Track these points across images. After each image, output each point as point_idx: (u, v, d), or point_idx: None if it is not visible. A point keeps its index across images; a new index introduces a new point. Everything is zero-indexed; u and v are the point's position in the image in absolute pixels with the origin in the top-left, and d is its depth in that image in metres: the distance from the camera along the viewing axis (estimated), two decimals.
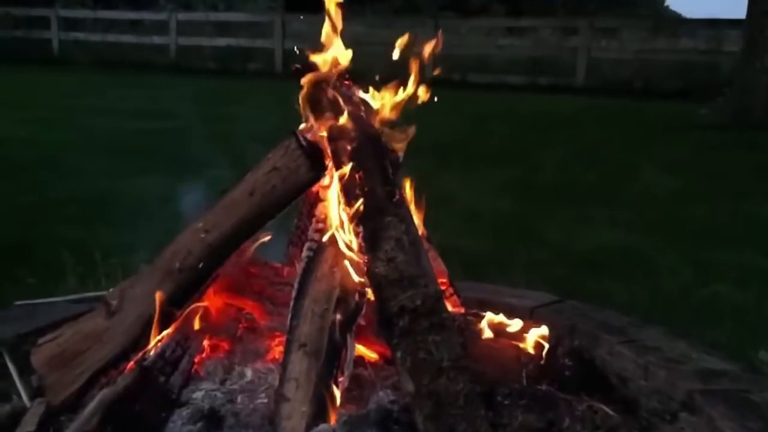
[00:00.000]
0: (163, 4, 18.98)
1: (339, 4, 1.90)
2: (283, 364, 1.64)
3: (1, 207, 4.65)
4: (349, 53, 1.91)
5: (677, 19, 23.80)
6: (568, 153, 7.25)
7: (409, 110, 2.00)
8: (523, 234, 4.46)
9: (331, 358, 1.63)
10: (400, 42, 1.94)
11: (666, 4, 51.17)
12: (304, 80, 1.82)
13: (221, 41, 16.03)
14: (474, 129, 8.63)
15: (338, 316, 1.65)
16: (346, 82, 1.95)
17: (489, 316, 1.96)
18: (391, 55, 1.96)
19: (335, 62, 1.93)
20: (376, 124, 1.91)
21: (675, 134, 8.46)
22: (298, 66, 1.88)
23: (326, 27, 1.90)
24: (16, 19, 17.63)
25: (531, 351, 1.89)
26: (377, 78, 2.00)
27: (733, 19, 12.68)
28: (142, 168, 5.81)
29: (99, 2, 18.30)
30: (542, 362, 1.87)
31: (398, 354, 1.61)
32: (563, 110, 10.48)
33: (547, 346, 1.92)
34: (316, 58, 1.92)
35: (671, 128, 8.88)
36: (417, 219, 1.91)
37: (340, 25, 1.91)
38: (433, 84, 2.00)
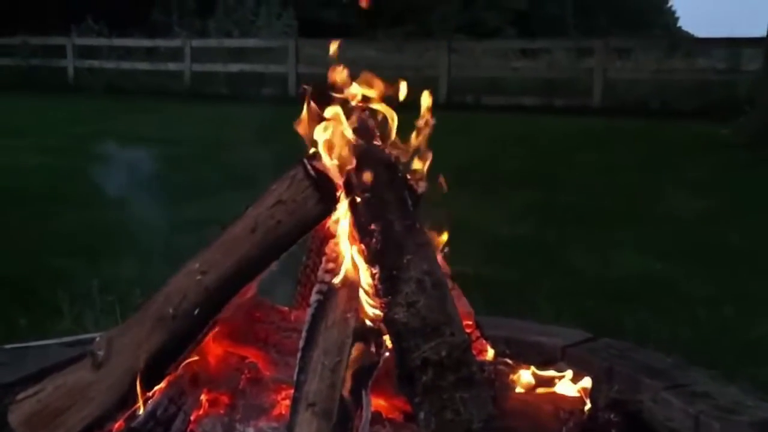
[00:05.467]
0: (178, 31, 19.08)
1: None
2: (290, 427, 1.44)
3: (1, 240, 4.49)
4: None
5: (693, 39, 23.63)
6: (589, 175, 7.04)
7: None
8: (547, 262, 4.25)
9: (343, 420, 1.42)
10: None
11: (679, 24, 51.35)
12: (314, 104, 1.63)
13: (235, 67, 16.00)
14: (490, 152, 8.43)
15: (352, 371, 1.44)
16: (361, 107, 1.76)
17: (525, 369, 1.74)
18: (405, 80, 1.78)
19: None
20: (393, 152, 1.72)
21: (698, 155, 8.24)
22: (306, 87, 1.70)
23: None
24: (33, 48, 17.77)
25: (571, 405, 1.67)
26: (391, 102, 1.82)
27: (751, 38, 12.48)
28: (154, 196, 5.64)
29: (114, 30, 18.41)
30: (584, 417, 1.65)
31: (421, 414, 1.41)
32: (581, 131, 10.28)
33: (588, 399, 1.69)
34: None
35: (693, 148, 8.66)
36: (440, 255, 1.71)
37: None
38: (447, 107, 1.81)
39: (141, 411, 1.53)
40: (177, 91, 15.64)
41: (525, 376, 1.70)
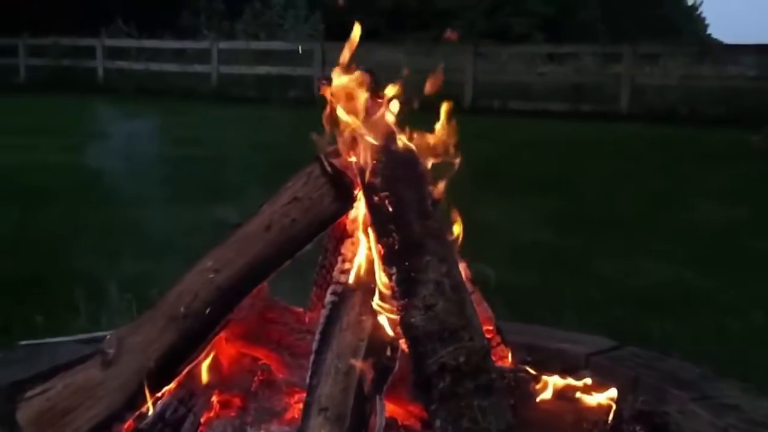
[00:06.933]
0: (206, 33, 19.21)
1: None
2: (301, 431, 1.39)
3: (23, 237, 4.52)
4: None
5: (723, 45, 23.31)
6: (615, 182, 6.94)
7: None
8: (571, 268, 4.17)
9: (357, 425, 1.37)
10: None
11: (708, 31, 50.76)
12: (330, 94, 1.58)
13: (262, 69, 16.06)
14: (516, 157, 8.35)
15: (366, 375, 1.39)
16: (380, 101, 1.71)
17: (547, 377, 1.67)
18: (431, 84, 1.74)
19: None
20: (413, 150, 1.67)
21: (727, 162, 8.10)
22: (324, 81, 1.66)
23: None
24: (64, 48, 18.00)
25: (594, 415, 1.61)
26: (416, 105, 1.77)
27: None
28: (178, 196, 5.66)
29: (144, 32, 18.61)
30: (608, 429, 1.58)
31: (438, 422, 1.35)
32: (608, 137, 10.16)
33: (613, 410, 1.63)
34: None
35: (722, 156, 8.52)
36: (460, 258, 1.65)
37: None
38: (473, 112, 1.76)
39: (150, 412, 1.49)
40: (204, 92, 15.72)
41: (547, 385, 1.63)
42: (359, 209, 1.59)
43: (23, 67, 18.56)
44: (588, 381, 1.74)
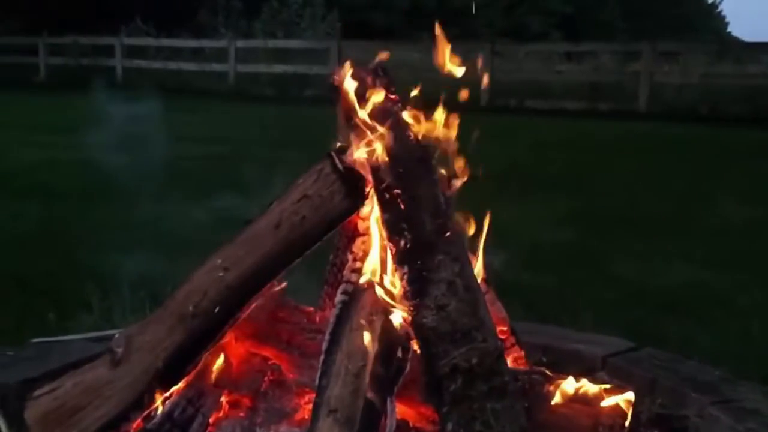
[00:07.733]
0: (223, 32, 19.31)
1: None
2: None
3: (38, 234, 4.54)
4: None
5: (743, 44, 23.06)
6: (633, 181, 6.86)
7: (465, 136, 1.74)
8: (588, 269, 4.11)
9: (367, 427, 1.35)
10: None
11: (729, 30, 50.30)
12: (343, 89, 1.56)
13: (278, 68, 16.09)
14: (532, 156, 8.29)
15: (377, 376, 1.36)
16: (393, 98, 1.69)
17: (562, 379, 1.63)
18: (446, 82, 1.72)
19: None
20: (426, 147, 1.64)
21: (747, 161, 7.99)
22: (336, 80, 1.63)
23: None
24: (83, 47, 18.16)
25: (611, 419, 1.57)
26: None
27: None
28: (192, 193, 5.67)
29: (162, 31, 18.73)
30: None
31: (449, 425, 1.32)
32: (626, 136, 10.07)
33: (630, 413, 1.59)
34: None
35: (743, 155, 8.42)
36: (475, 258, 1.62)
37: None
38: (490, 111, 1.73)
39: (159, 411, 1.47)
40: (222, 91, 15.79)
41: (562, 387, 1.60)
42: (371, 207, 1.56)
43: (43, 65, 18.76)
44: (604, 383, 1.70)
